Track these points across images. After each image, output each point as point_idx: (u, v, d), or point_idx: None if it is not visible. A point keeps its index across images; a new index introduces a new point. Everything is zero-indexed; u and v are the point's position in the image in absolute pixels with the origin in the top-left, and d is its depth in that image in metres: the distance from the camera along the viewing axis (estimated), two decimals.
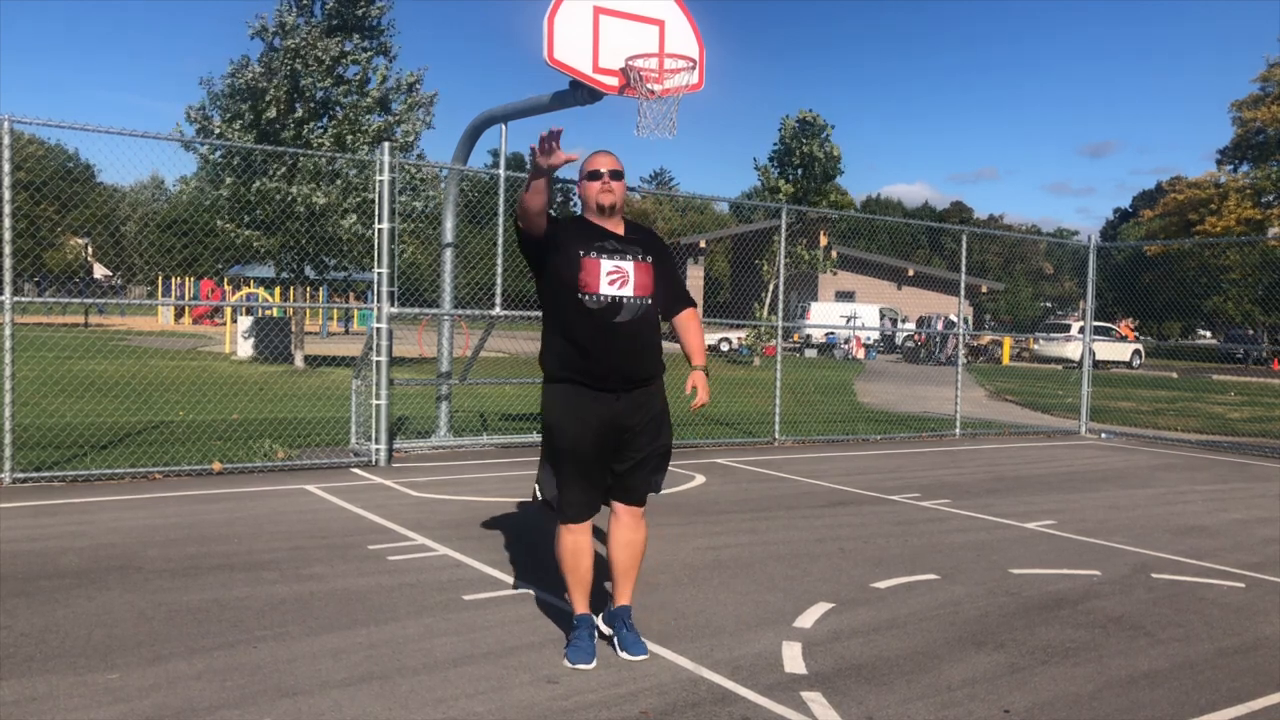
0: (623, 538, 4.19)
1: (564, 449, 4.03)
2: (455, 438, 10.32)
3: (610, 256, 4.04)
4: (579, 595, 4.16)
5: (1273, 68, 42.44)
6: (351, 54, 20.12)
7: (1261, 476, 10.12)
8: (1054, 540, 6.67)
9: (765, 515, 7.16)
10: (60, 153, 44.97)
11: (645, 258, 4.10)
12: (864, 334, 34.53)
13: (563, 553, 4.13)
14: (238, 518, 6.57)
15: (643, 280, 4.06)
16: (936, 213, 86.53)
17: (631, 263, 4.06)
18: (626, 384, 4.02)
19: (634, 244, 4.13)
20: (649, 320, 4.07)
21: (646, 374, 4.08)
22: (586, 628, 4.13)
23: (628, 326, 4.00)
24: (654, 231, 4.35)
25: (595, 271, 3.99)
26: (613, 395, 4.00)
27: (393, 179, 8.81)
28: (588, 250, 4.01)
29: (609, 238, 4.09)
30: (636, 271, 4.05)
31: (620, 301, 4.00)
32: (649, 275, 4.08)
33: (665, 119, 8.68)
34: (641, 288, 4.05)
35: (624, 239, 4.13)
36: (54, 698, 3.54)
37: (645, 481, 4.18)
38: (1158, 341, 35.72)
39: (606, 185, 4.11)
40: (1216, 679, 4.08)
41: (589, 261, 3.99)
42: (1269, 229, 39.81)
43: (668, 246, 4.31)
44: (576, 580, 4.14)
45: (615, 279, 4.01)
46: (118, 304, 41.24)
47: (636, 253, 4.10)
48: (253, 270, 32.42)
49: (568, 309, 4.01)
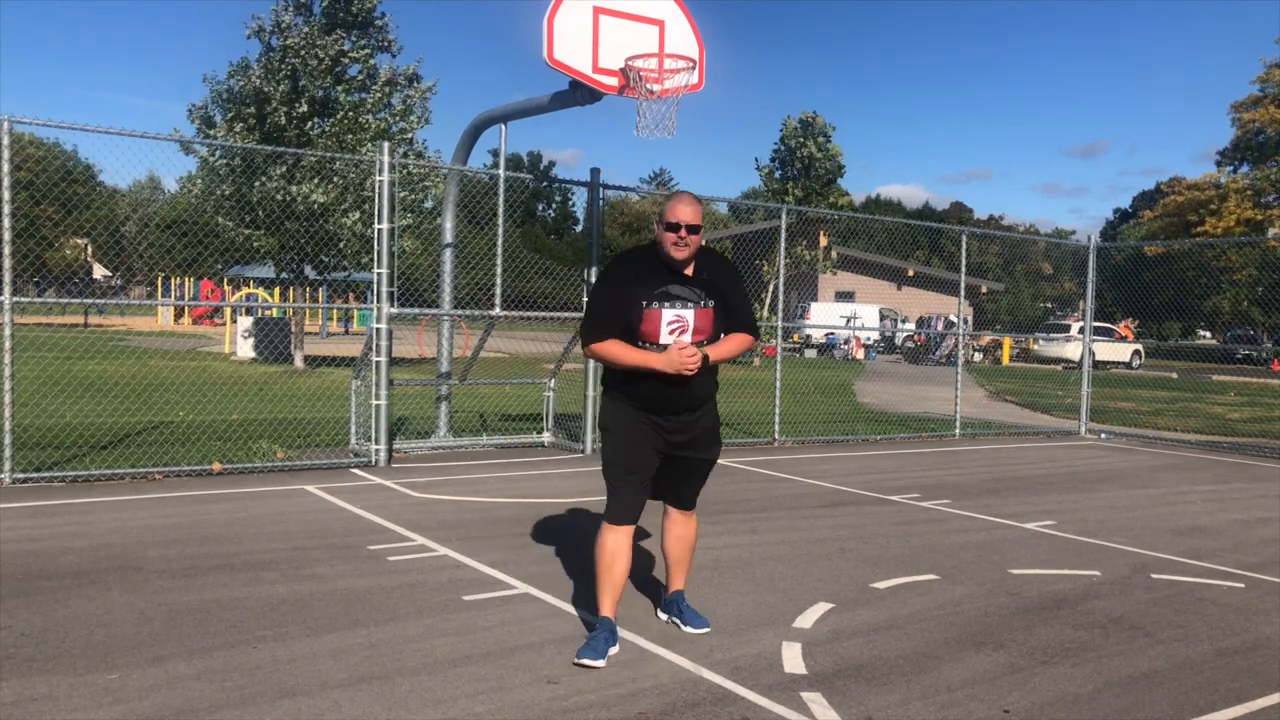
0: (675, 532, 4.49)
1: (613, 455, 4.19)
2: (455, 438, 10.32)
3: (673, 304, 4.10)
4: (607, 598, 4.19)
5: (1271, 69, 42.49)
6: (351, 52, 20.13)
7: (1261, 477, 10.12)
8: (1054, 540, 6.67)
9: (765, 515, 7.16)
10: (60, 153, 44.97)
11: (708, 302, 4.16)
12: (864, 334, 34.54)
13: (601, 550, 4.19)
14: (238, 518, 6.57)
15: (702, 325, 4.14)
16: (936, 213, 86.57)
17: (693, 310, 4.12)
18: (677, 413, 4.17)
19: (699, 286, 4.16)
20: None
21: (699, 404, 4.22)
22: (606, 630, 4.13)
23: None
24: (724, 262, 4.35)
25: (656, 322, 4.08)
26: (661, 418, 4.15)
27: (393, 179, 8.81)
28: (650, 300, 4.07)
29: (674, 281, 4.13)
30: (697, 318, 4.13)
31: None
32: (709, 320, 4.16)
33: (665, 119, 8.68)
34: (700, 334, 4.14)
35: (690, 281, 4.16)
36: (54, 698, 3.54)
37: (695, 490, 4.46)
38: (1158, 342, 35.69)
39: (682, 239, 4.10)
40: (1216, 679, 4.08)
41: (651, 313, 4.07)
42: (1269, 229, 39.83)
43: (738, 276, 4.35)
44: (609, 581, 4.18)
45: (675, 328, 4.09)
46: (117, 304, 41.24)
47: (699, 298, 4.14)
48: (253, 270, 32.40)
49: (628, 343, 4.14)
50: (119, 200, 46.74)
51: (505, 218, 9.45)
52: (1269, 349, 26.47)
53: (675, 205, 4.12)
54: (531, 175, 16.26)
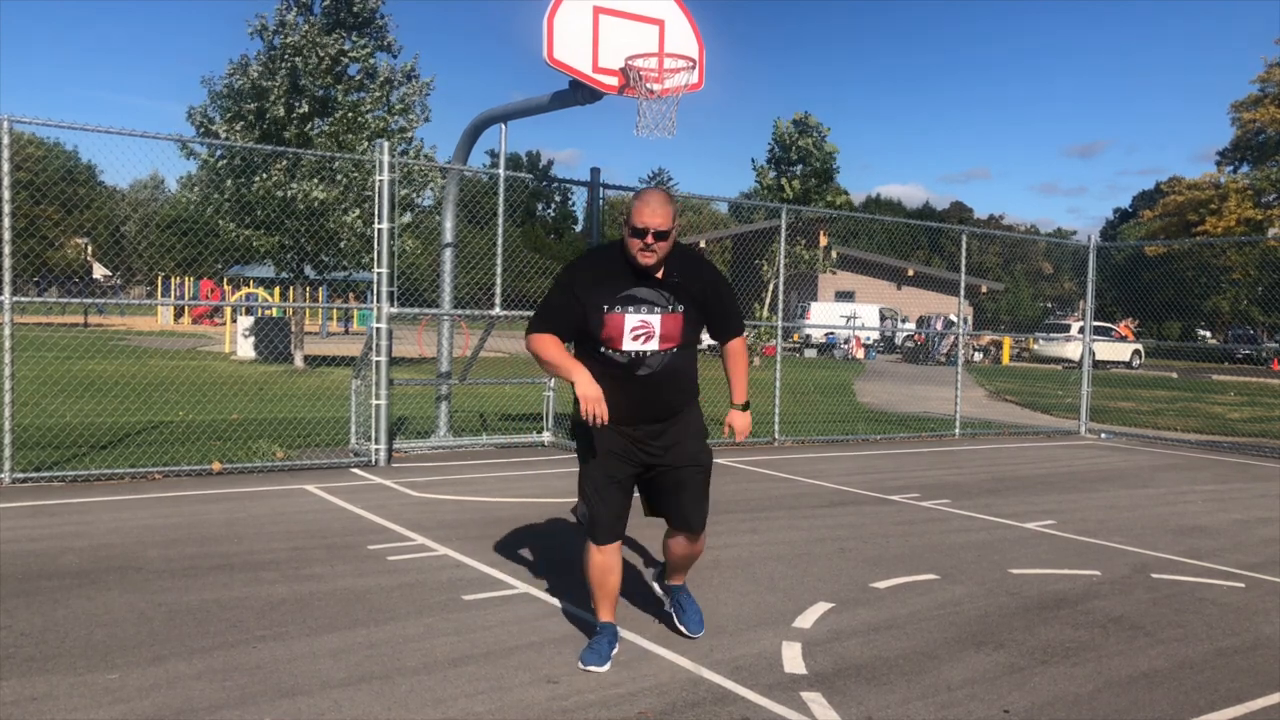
0: (677, 550, 4.23)
1: (586, 469, 3.99)
2: (455, 438, 10.32)
3: (637, 309, 3.79)
4: (604, 606, 4.10)
5: (1272, 69, 42.50)
6: (351, 52, 20.13)
7: (1261, 476, 10.12)
8: (1054, 540, 6.67)
9: (765, 515, 7.16)
10: (60, 153, 44.97)
11: (676, 307, 3.84)
12: (864, 334, 34.54)
13: (591, 569, 4.03)
14: (237, 518, 6.56)
15: (670, 332, 3.84)
16: (937, 213, 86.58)
17: (659, 316, 3.81)
18: (648, 424, 3.92)
19: (667, 289, 3.83)
20: (673, 367, 3.89)
21: (670, 413, 3.96)
22: (608, 635, 4.07)
23: (651, 377, 3.86)
24: (702, 264, 3.98)
25: (619, 327, 3.78)
26: (630, 428, 3.90)
27: (392, 179, 8.81)
28: (612, 305, 3.77)
29: (640, 284, 3.80)
30: (664, 324, 3.82)
31: (643, 356, 3.83)
32: (677, 326, 3.85)
33: (665, 119, 8.68)
34: (667, 340, 3.84)
35: (659, 284, 3.83)
36: (54, 698, 3.54)
37: (697, 509, 4.06)
38: (1158, 342, 35.70)
39: (649, 246, 3.73)
40: (1216, 679, 4.08)
41: (613, 318, 3.77)
42: (1269, 229, 39.82)
43: (716, 276, 4.01)
44: (603, 595, 4.06)
45: (640, 334, 3.80)
46: (117, 304, 41.27)
47: (667, 302, 3.83)
48: (253, 270, 32.41)
49: (594, 357, 3.85)
50: (119, 200, 46.75)
51: (505, 217, 9.45)
52: (1270, 349, 26.46)
53: (640, 207, 3.70)
54: (531, 175, 16.26)
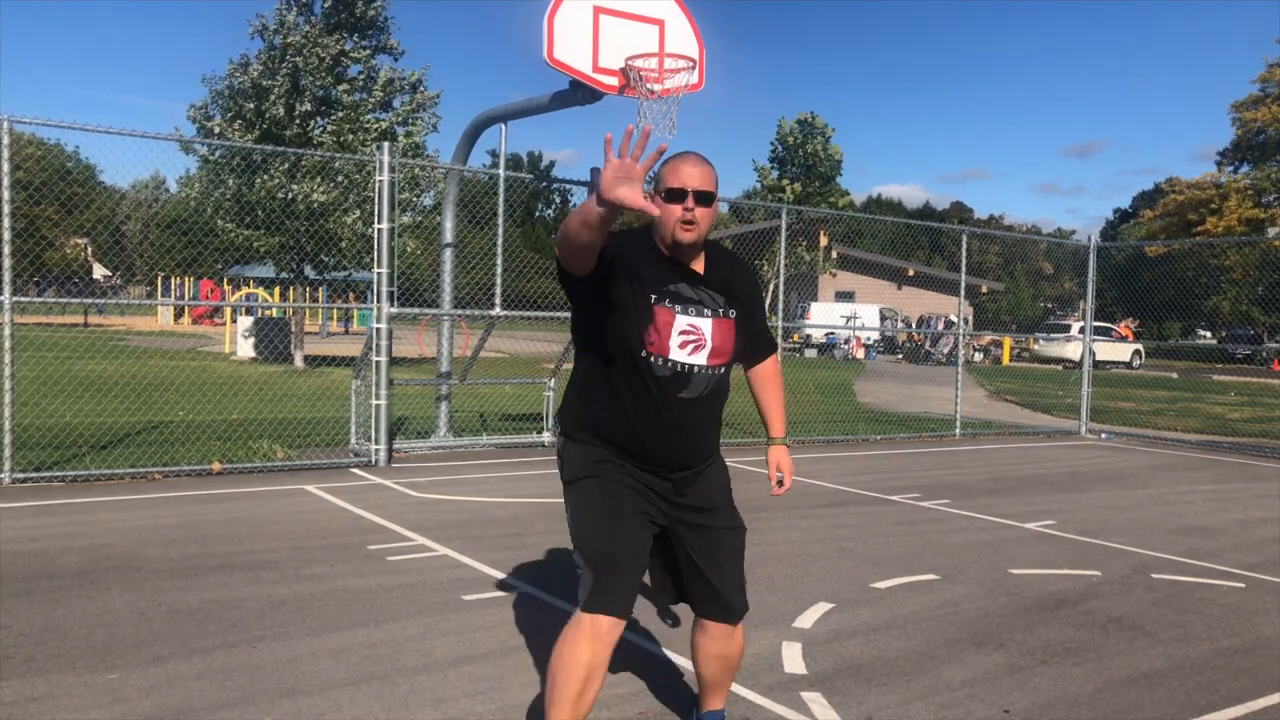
0: (711, 650, 3.06)
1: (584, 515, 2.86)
2: (455, 438, 10.32)
3: (686, 309, 2.87)
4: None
5: (1272, 68, 42.50)
6: (352, 53, 20.14)
7: (1261, 476, 10.12)
8: (1054, 540, 6.67)
9: (765, 515, 7.16)
10: (60, 153, 44.97)
11: (728, 312, 2.95)
12: (864, 334, 34.54)
13: (570, 663, 2.70)
14: (237, 518, 6.57)
15: (722, 344, 2.91)
16: (937, 213, 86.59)
17: (710, 321, 2.90)
18: (677, 469, 2.93)
19: (715, 289, 2.95)
20: (719, 393, 2.96)
21: (704, 456, 2.99)
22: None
23: (693, 404, 2.89)
24: (736, 258, 3.11)
25: (669, 325, 2.84)
26: (653, 475, 2.92)
27: (393, 179, 8.81)
28: (660, 297, 2.85)
29: (685, 278, 2.91)
30: (715, 332, 2.90)
31: (690, 371, 2.86)
32: (730, 336, 2.93)
33: (665, 119, 8.69)
34: (718, 355, 2.91)
35: (702, 280, 2.94)
36: (54, 698, 3.54)
37: (734, 581, 2.99)
38: (1158, 342, 35.71)
39: (690, 211, 2.81)
40: (1216, 679, 4.07)
41: (662, 311, 2.83)
42: (1269, 229, 39.83)
43: (756, 277, 3.16)
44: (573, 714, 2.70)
45: (689, 342, 2.86)
46: (117, 304, 41.23)
47: (718, 305, 2.93)
48: (253, 270, 32.42)
49: (619, 366, 2.86)
50: (119, 200, 46.78)
51: (505, 218, 9.45)
52: (1270, 349, 26.46)
53: (678, 164, 2.85)
54: (531, 175, 16.27)
